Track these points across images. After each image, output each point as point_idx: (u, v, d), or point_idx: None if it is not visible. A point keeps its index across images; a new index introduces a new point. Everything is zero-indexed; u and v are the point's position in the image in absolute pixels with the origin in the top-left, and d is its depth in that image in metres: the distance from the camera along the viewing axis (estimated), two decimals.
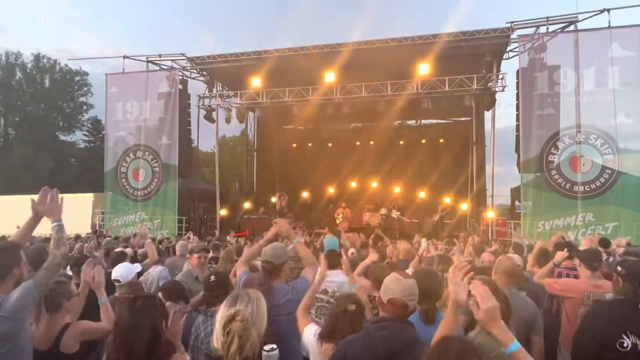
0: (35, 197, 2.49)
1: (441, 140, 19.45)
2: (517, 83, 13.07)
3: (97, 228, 15.84)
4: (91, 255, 5.00)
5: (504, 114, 18.80)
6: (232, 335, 1.51)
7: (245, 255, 3.44)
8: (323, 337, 2.18)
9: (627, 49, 12.02)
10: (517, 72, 13.08)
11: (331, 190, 19.28)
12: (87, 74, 37.97)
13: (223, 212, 16.53)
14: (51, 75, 37.13)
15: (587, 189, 12.05)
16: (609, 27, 12.20)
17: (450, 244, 8.40)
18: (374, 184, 19.07)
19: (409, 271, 4.16)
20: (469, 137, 16.83)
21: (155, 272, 4.79)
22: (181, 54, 15.62)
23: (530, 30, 13.04)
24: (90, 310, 2.85)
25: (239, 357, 1.50)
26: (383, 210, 15.90)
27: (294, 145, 20.99)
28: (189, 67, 16.16)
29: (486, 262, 4.44)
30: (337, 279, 3.62)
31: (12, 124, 35.71)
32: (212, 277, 3.01)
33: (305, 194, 19.37)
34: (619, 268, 2.69)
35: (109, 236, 11.83)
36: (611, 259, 4.49)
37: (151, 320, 1.73)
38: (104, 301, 2.68)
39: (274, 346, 1.57)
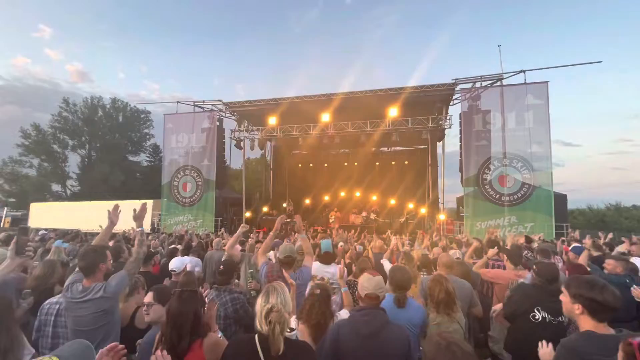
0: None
1: (406, 162, 19.53)
2: (460, 122, 13.20)
3: (156, 226, 15.75)
4: (156, 251, 4.96)
5: (452, 142, 19.01)
6: (274, 323, 1.51)
7: (262, 248, 3.37)
8: (298, 317, 2.12)
9: (537, 98, 12.24)
10: (460, 114, 13.22)
11: (326, 198, 19.27)
12: (149, 112, 38.25)
13: (248, 214, 16.46)
14: (124, 113, 37.24)
15: (511, 199, 12.12)
16: (525, 83, 12.40)
17: (413, 239, 8.40)
18: (357, 194, 19.09)
19: (384, 262, 4.19)
20: (426, 160, 16.90)
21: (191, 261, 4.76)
22: (219, 100, 15.71)
23: (469, 85, 13.22)
24: None
25: (282, 337, 1.51)
26: (364, 213, 15.87)
27: (300, 165, 21.06)
28: (224, 110, 16.25)
29: (436, 255, 4.49)
30: (331, 270, 3.62)
31: (94, 148, 35.71)
32: (222, 267, 2.97)
33: (307, 201, 19.35)
34: (534, 267, 2.72)
35: (163, 232, 11.80)
36: (530, 254, 4.48)
37: (193, 307, 1.73)
38: None
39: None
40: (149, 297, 2.11)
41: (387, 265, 4.01)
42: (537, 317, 2.45)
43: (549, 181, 11.84)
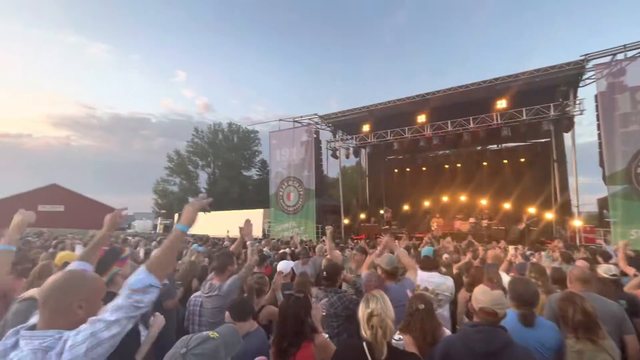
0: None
1: (522, 160, 16.78)
2: (596, 106, 10.71)
3: (266, 232, 17.54)
4: (268, 254, 5.50)
5: (586, 131, 15.57)
6: (376, 327, 1.52)
7: (367, 262, 3.41)
8: (401, 330, 2.04)
9: None
10: (596, 96, 10.74)
11: (426, 203, 18.12)
12: (257, 131, 43.15)
13: (346, 221, 16.82)
14: (237, 134, 43.04)
15: None
16: None
17: (536, 250, 7.12)
18: (463, 198, 17.33)
19: (502, 275, 3.69)
20: (550, 155, 14.24)
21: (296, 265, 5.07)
22: (315, 114, 16.71)
23: (606, 59, 10.67)
24: None
25: (385, 341, 1.51)
26: (472, 219, 14.30)
27: (395, 170, 20.44)
28: (320, 122, 17.17)
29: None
30: (434, 279, 3.39)
31: (217, 166, 42.19)
32: (325, 271, 3.09)
33: (405, 207, 18.60)
34: None
35: (273, 238, 13.03)
36: None
37: (301, 310, 1.86)
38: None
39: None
40: (227, 318, 2.18)
41: (505, 279, 3.52)
42: None
43: None
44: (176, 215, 27.51)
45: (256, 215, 19.47)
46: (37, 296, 1.20)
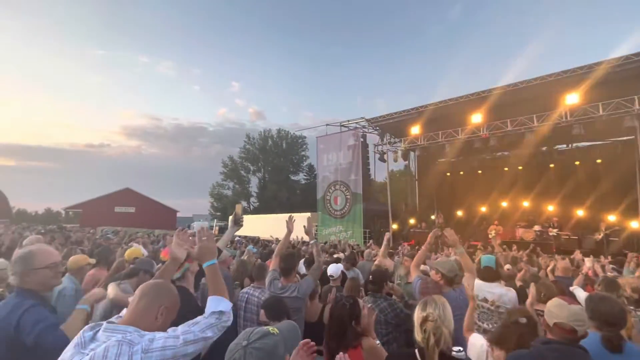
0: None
1: (598, 161, 14.81)
2: None
3: (313, 236, 17.76)
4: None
5: None
6: (429, 332, 1.46)
7: (415, 262, 3.24)
8: (492, 341, 1.88)
9: None
10: None
11: (483, 209, 16.89)
12: (305, 137, 44.24)
13: (394, 226, 16.37)
14: (286, 140, 44.44)
15: None
16: None
17: (617, 262, 6.21)
18: (525, 204, 15.82)
19: (576, 290, 3.30)
20: (634, 155, 12.40)
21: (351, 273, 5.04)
22: (361, 117, 16.61)
23: None
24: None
25: (437, 349, 1.45)
26: (537, 227, 12.99)
27: (448, 174, 19.37)
28: (367, 126, 17.01)
29: None
30: (495, 290, 3.13)
31: (267, 171, 43.93)
32: (371, 276, 3.05)
33: (459, 213, 17.52)
34: None
35: (320, 242, 13.17)
36: None
37: (345, 315, 1.85)
38: None
39: (461, 348, 1.45)
40: (262, 316, 2.19)
41: (580, 295, 3.14)
42: None
43: None
44: (230, 217, 29.04)
45: (303, 219, 19.78)
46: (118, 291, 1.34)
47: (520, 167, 16.78)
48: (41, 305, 1.70)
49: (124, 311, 1.89)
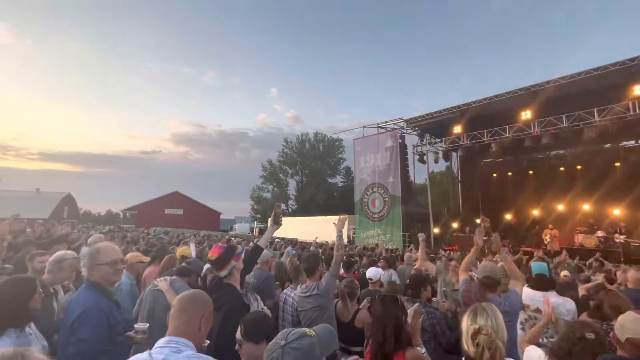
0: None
1: None
2: None
3: (351, 239, 17.64)
4: (355, 260, 5.52)
5: None
6: (482, 346, 1.37)
7: (463, 265, 3.10)
8: (552, 355, 1.72)
9: None
10: None
11: (535, 212, 15.59)
12: (342, 139, 44.13)
13: (435, 230, 15.73)
14: (323, 143, 44.76)
15: None
16: None
17: None
18: (586, 207, 14.33)
19: None
20: None
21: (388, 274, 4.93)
22: (399, 118, 16.24)
23: None
24: None
25: None
26: (600, 233, 11.71)
27: (494, 175, 18.20)
28: (405, 127, 16.59)
29: None
30: (551, 300, 2.86)
31: (305, 174, 44.52)
32: (409, 280, 2.96)
33: (507, 216, 16.35)
34: None
35: (357, 245, 13.02)
36: None
37: (395, 312, 1.76)
38: None
39: None
40: (238, 334, 1.71)
41: None
42: None
43: None
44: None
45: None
46: (171, 303, 1.41)
47: (579, 167, 15.29)
48: (104, 296, 1.88)
49: (140, 325, 2.03)
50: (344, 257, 3.55)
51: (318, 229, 15.48)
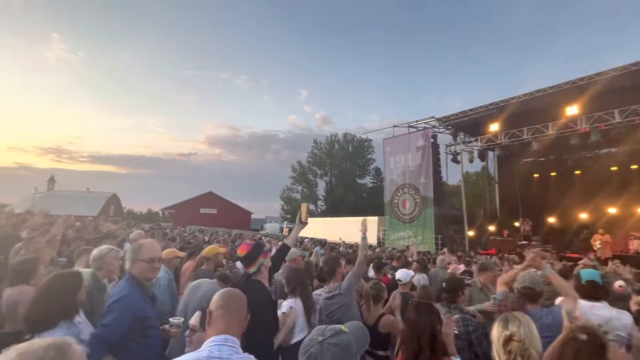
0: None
1: None
2: None
3: (381, 240, 17.38)
4: (385, 262, 5.42)
5: None
6: (514, 354, 1.30)
7: (505, 278, 2.92)
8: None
9: None
10: None
11: (583, 215, 14.40)
12: (371, 140, 43.66)
13: (470, 233, 15.05)
14: (352, 144, 44.55)
15: None
16: None
17: None
18: None
19: None
20: None
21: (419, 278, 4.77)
22: (431, 117, 15.76)
23: None
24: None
25: None
26: None
27: (536, 175, 17.02)
28: (437, 125, 16.07)
29: None
30: (602, 312, 2.56)
31: (334, 175, 44.56)
32: (445, 283, 2.83)
33: (551, 220, 15.25)
34: None
35: (387, 247, 12.79)
36: None
37: (430, 319, 1.69)
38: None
39: None
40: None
41: None
42: None
43: None
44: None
45: (370, 223, 19.25)
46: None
47: (634, 167, 13.92)
48: (139, 290, 1.99)
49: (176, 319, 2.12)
50: (370, 257, 3.51)
51: (347, 229, 15.42)
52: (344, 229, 16.34)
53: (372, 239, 17.35)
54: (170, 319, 2.19)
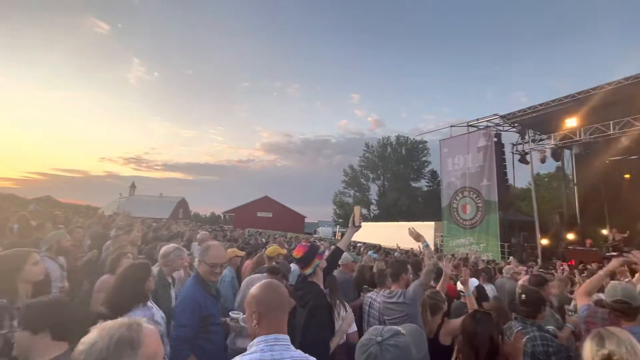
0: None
1: None
2: None
3: (438, 247, 16.44)
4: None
5: None
6: None
7: (585, 287, 2.57)
8: None
9: None
10: None
11: None
12: (426, 141, 41.90)
13: (544, 241, 13.48)
14: (406, 146, 43.21)
15: None
16: None
17: None
18: None
19: None
20: None
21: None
22: (494, 114, 14.56)
23: None
24: None
25: None
26: None
27: (627, 176, 14.65)
28: (501, 123, 14.80)
29: None
30: None
31: (386, 179, 43.59)
32: (524, 295, 2.47)
33: None
34: None
35: (446, 254, 12.06)
36: None
37: (488, 330, 1.57)
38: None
39: None
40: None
41: None
42: None
43: None
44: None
45: (426, 229, 18.64)
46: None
47: None
48: (204, 291, 2.14)
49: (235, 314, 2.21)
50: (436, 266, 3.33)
51: (401, 235, 14.87)
52: (398, 234, 15.76)
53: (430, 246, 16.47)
54: (230, 313, 2.33)
